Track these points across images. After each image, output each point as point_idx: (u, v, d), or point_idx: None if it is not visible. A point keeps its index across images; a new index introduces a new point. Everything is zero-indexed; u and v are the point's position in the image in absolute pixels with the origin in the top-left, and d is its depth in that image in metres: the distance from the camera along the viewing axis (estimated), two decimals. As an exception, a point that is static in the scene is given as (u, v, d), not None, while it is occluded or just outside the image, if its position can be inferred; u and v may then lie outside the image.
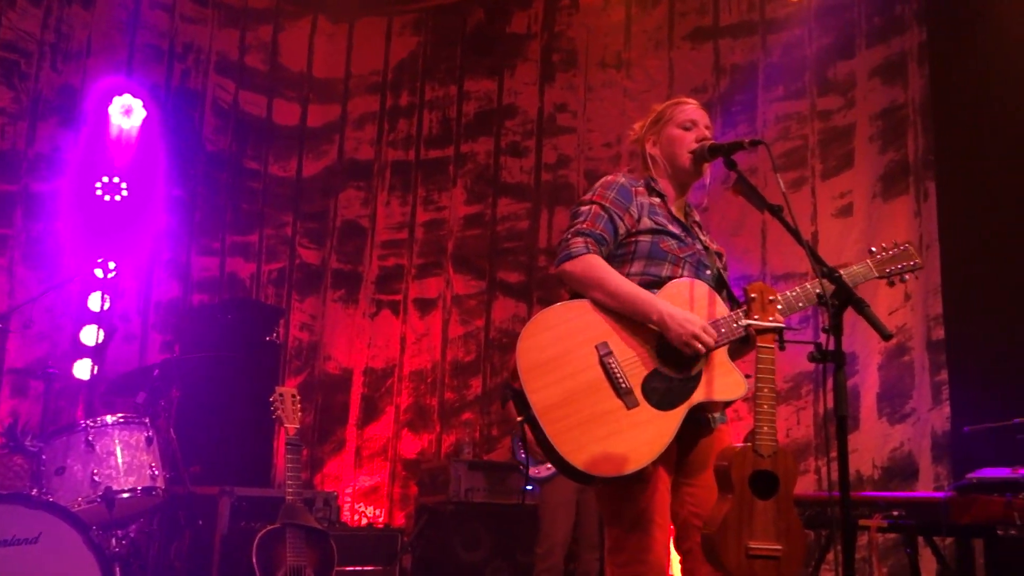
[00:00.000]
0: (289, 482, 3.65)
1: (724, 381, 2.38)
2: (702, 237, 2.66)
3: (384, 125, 7.15)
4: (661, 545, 2.33)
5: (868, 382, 5.50)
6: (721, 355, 2.41)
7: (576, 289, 2.46)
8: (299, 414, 3.71)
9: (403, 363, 6.72)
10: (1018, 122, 5.17)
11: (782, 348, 2.27)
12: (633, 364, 2.36)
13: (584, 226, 2.50)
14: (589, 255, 2.44)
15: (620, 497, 2.34)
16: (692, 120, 2.69)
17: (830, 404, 2.18)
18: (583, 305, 2.41)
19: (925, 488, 5.19)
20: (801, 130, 5.97)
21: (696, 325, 2.36)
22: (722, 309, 2.46)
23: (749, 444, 2.26)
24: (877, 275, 2.65)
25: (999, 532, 3.88)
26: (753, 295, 2.29)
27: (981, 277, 5.23)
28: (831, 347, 2.16)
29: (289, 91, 7.09)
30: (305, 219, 7.03)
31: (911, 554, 3.99)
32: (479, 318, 6.63)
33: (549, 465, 4.29)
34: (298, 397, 3.78)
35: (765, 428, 2.24)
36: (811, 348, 2.12)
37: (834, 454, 2.09)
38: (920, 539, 4.37)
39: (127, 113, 6.03)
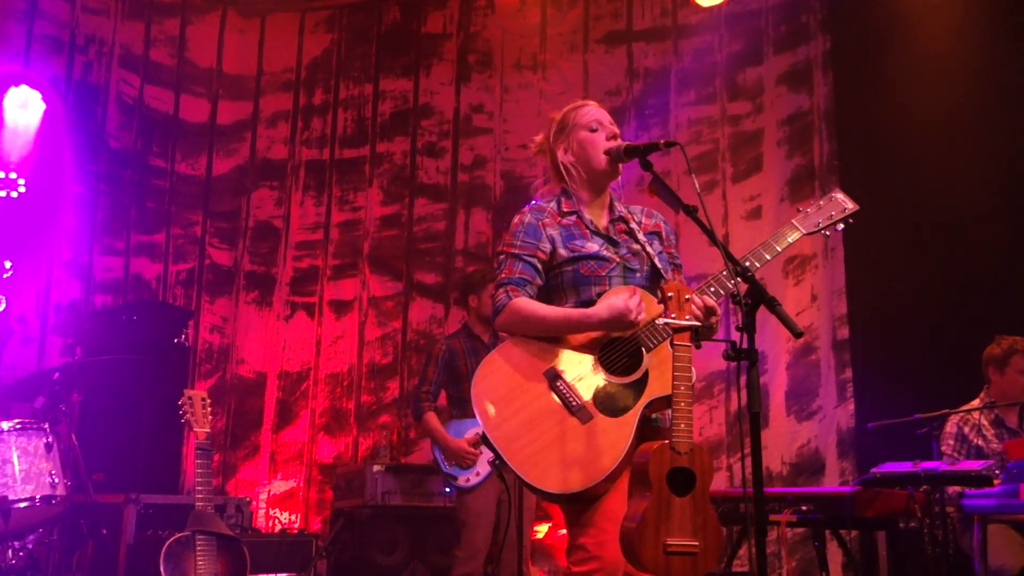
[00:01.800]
0: (199, 488, 3.55)
1: (668, 376, 2.43)
2: (633, 227, 2.71)
3: (298, 123, 7.04)
4: (616, 542, 2.36)
5: (777, 381, 5.66)
6: (662, 352, 2.47)
7: (516, 334, 2.55)
8: (210, 418, 3.61)
9: (319, 366, 6.63)
10: (919, 127, 5.39)
11: (698, 346, 2.31)
12: (582, 381, 2.45)
13: (502, 276, 2.61)
14: (512, 301, 2.55)
15: (584, 501, 2.39)
16: (597, 120, 2.74)
17: (743, 401, 2.22)
18: (523, 342, 2.52)
19: (832, 483, 5.36)
20: (712, 134, 6.11)
21: (619, 298, 2.44)
22: (659, 308, 2.51)
23: (666, 441, 2.29)
24: (805, 231, 2.68)
25: (900, 525, 4.06)
26: (670, 294, 2.32)
27: (884, 278, 5.43)
28: (744, 345, 2.20)
29: (198, 87, 6.92)
30: (216, 219, 6.86)
31: (819, 547, 4.12)
32: (396, 320, 6.59)
33: (476, 472, 4.34)
34: (208, 401, 3.68)
35: (682, 425, 2.28)
36: (725, 346, 2.15)
37: (747, 451, 2.13)
38: (827, 532, 4.52)
39: (24, 106, 5.78)
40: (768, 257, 2.61)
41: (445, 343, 4.68)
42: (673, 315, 2.29)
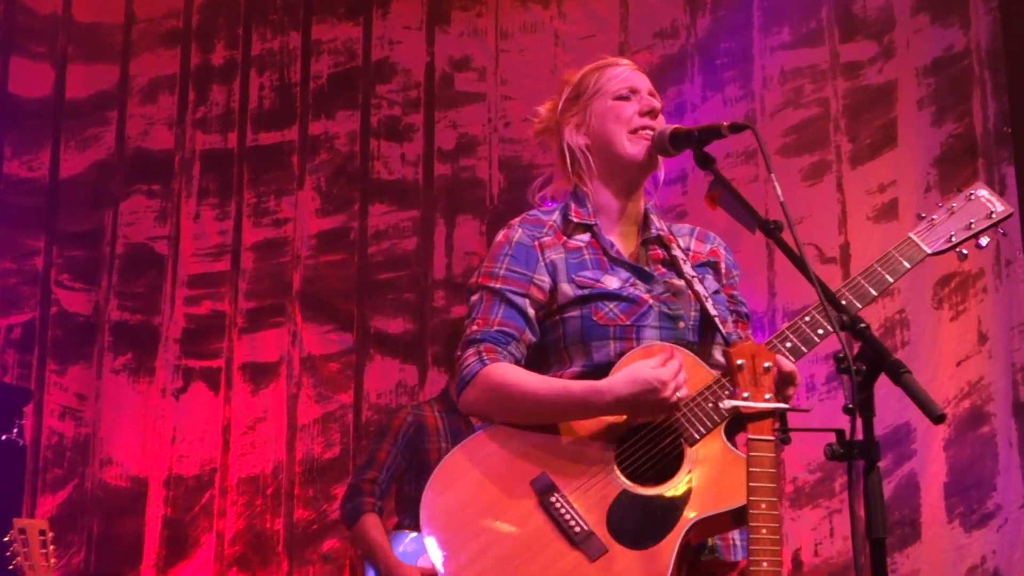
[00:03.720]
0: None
1: (726, 481, 2.45)
2: (677, 255, 2.75)
3: (188, 95, 7.08)
4: None
5: (931, 468, 5.61)
6: (713, 445, 2.49)
7: (492, 419, 2.58)
8: (53, 560, 3.62)
9: (228, 466, 6.62)
10: None
11: (785, 440, 2.31)
12: (588, 494, 2.45)
13: (474, 329, 2.66)
14: (486, 368, 2.58)
15: None
16: (631, 88, 2.79)
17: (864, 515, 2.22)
18: (502, 433, 2.55)
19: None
20: (819, 92, 6.12)
21: (647, 365, 2.46)
22: (707, 377, 2.55)
23: (743, 587, 2.29)
24: (931, 251, 2.73)
25: None
26: (740, 361, 2.33)
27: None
28: (859, 436, 2.20)
29: (35, 45, 6.98)
30: (66, 243, 6.90)
31: None
32: (344, 390, 6.58)
33: None
34: (51, 534, 3.69)
35: (764, 564, 2.27)
36: (830, 440, 2.15)
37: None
38: None
39: None
40: (874, 293, 2.63)
41: (412, 413, 4.71)
42: (746, 394, 2.28)
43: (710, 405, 2.50)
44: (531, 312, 2.65)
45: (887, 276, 2.69)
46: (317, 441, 6.57)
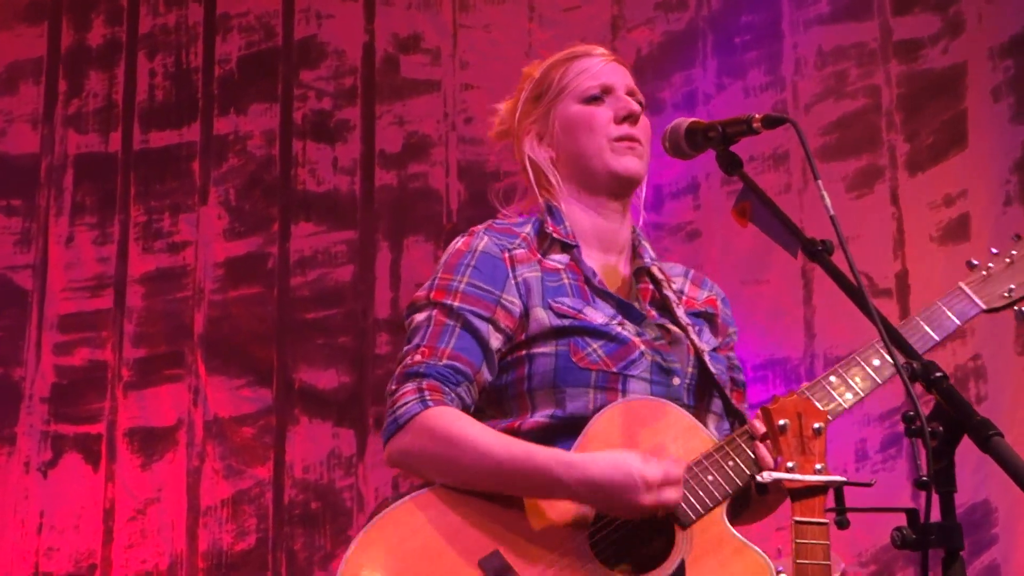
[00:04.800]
0: None
1: (727, 573, 2.48)
2: (669, 296, 2.79)
3: (58, 85, 7.08)
4: None
5: (1018, 557, 5.60)
6: (712, 529, 2.52)
7: (420, 476, 2.61)
8: None
9: (110, 560, 6.57)
10: None
11: (843, 523, 2.28)
12: None
13: (416, 360, 2.66)
14: (427, 412, 2.58)
15: None
16: (603, 86, 2.83)
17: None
18: (446, 496, 2.57)
19: None
20: (867, 78, 6.14)
21: (640, 463, 2.46)
22: (707, 442, 2.60)
23: None
24: (985, 306, 2.82)
25: None
26: (782, 421, 2.31)
27: None
28: (936, 518, 2.18)
29: None
30: None
31: None
32: (261, 462, 6.56)
33: None
34: None
35: None
36: (897, 525, 2.13)
37: None
38: None
39: None
40: (918, 350, 2.62)
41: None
42: (791, 463, 2.27)
43: (710, 478, 2.52)
44: (493, 343, 2.68)
45: (932, 333, 2.70)
46: (226, 528, 6.53)
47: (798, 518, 2.29)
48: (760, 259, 5.92)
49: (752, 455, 2.52)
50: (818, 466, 2.31)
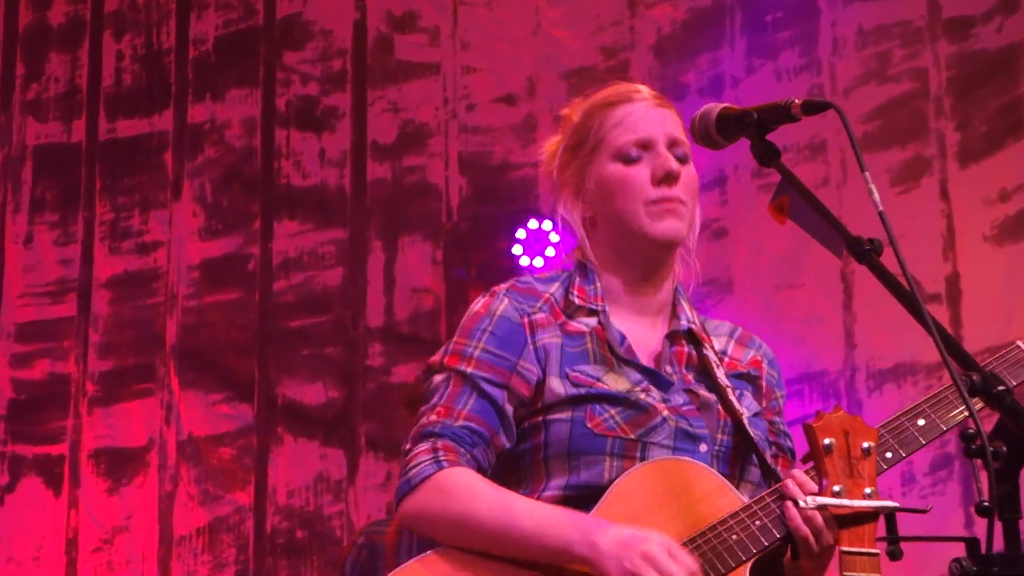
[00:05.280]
0: None
1: None
2: (708, 356, 2.81)
3: (15, 68, 7.09)
4: None
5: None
6: None
7: (438, 539, 2.67)
8: None
9: (75, 595, 6.58)
10: None
11: (895, 555, 2.29)
12: None
13: (432, 419, 2.71)
14: (442, 473, 2.65)
15: None
16: (641, 141, 2.79)
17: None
18: (453, 559, 2.63)
19: None
20: (913, 59, 6.15)
21: (646, 544, 2.47)
22: (735, 502, 2.59)
23: None
24: None
25: None
26: (828, 440, 2.31)
27: None
28: (999, 548, 2.19)
29: None
30: None
31: None
32: (241, 487, 6.57)
33: None
34: None
35: None
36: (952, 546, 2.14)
37: None
38: None
39: None
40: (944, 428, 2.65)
41: (365, 535, 4.72)
42: (838, 487, 2.28)
43: (734, 538, 2.52)
44: (508, 409, 2.71)
45: (942, 423, 2.69)
46: (202, 560, 6.54)
47: (845, 548, 2.29)
48: (795, 261, 5.92)
49: (781, 514, 2.52)
50: (868, 490, 2.31)
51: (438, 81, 6.76)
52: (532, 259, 6.07)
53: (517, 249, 6.12)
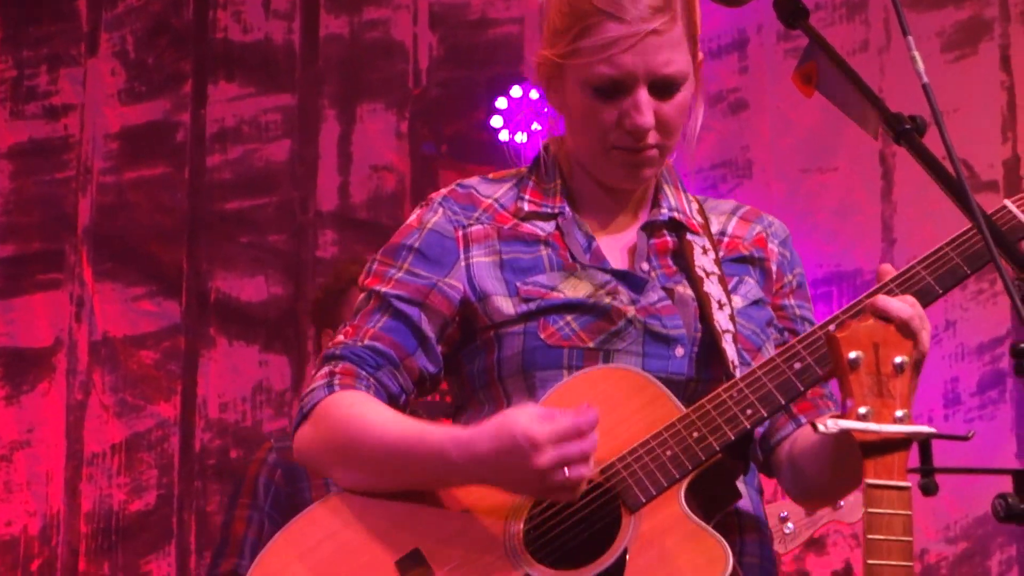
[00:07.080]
0: None
1: (677, 565, 2.57)
2: (695, 244, 2.85)
3: None
4: None
5: None
6: (666, 511, 2.61)
7: (323, 472, 3.00)
8: None
9: (-29, 521, 6.62)
10: None
11: (930, 489, 2.27)
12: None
13: (337, 340, 2.88)
14: (328, 399, 2.78)
15: None
16: (618, 79, 2.75)
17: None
18: (361, 498, 2.77)
19: None
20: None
21: (525, 420, 2.53)
22: (673, 412, 2.65)
23: None
24: None
25: None
26: (852, 355, 2.29)
27: None
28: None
29: None
30: None
31: None
32: (165, 398, 6.60)
33: None
34: None
35: None
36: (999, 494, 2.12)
37: None
38: None
39: None
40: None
41: (275, 450, 4.85)
42: (863, 409, 2.27)
43: (668, 453, 2.58)
44: (427, 330, 2.83)
45: (965, 267, 2.74)
46: (117, 482, 6.60)
47: (871, 480, 2.27)
48: (826, 140, 5.95)
49: (723, 422, 2.58)
50: (899, 413, 2.29)
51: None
52: (514, 134, 6.08)
53: (497, 121, 6.15)
